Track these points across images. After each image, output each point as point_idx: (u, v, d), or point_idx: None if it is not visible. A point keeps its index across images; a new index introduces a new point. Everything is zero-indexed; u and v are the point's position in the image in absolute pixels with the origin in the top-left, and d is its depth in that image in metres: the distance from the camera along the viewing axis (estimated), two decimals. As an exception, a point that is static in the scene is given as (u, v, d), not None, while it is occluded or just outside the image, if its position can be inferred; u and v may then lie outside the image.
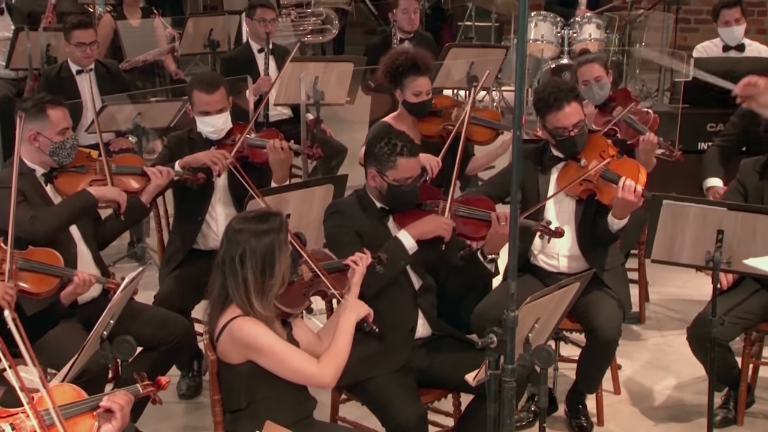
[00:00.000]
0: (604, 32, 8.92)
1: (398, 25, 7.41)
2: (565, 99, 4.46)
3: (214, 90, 4.77)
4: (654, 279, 5.90)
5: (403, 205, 4.08)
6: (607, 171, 4.44)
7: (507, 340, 2.89)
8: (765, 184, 4.56)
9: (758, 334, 4.58)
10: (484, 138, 5.42)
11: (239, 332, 3.32)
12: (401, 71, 5.22)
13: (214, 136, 4.84)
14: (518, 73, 2.73)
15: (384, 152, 3.98)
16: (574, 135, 4.47)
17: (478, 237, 4.16)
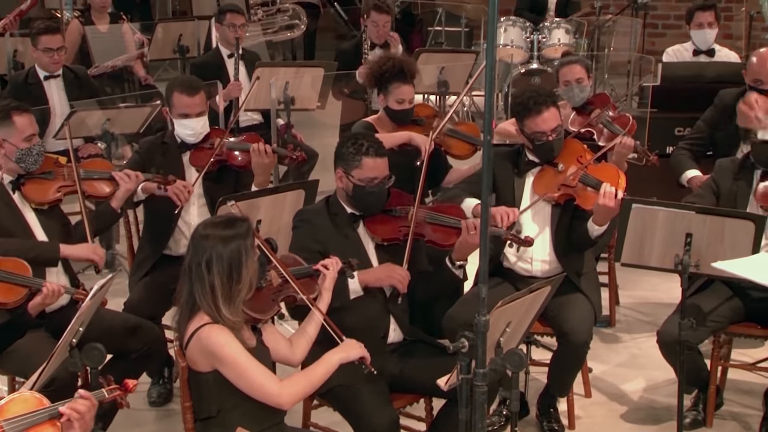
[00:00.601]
0: (573, 37, 8.98)
1: (368, 34, 7.40)
2: (544, 104, 4.48)
3: (196, 93, 4.78)
4: (624, 282, 5.93)
5: (369, 207, 4.07)
6: (586, 176, 4.46)
7: (478, 345, 2.89)
8: (738, 185, 4.59)
9: (727, 336, 4.62)
10: (462, 152, 5.41)
11: (207, 340, 3.31)
12: (387, 77, 5.23)
13: (192, 139, 4.83)
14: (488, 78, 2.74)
15: (350, 152, 3.99)
16: (552, 140, 4.49)
17: (448, 244, 4.15)
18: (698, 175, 5.28)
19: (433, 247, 4.19)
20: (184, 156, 4.86)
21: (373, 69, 5.31)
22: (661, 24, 11.59)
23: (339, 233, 4.05)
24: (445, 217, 4.19)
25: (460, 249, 4.04)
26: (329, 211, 4.09)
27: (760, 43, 9.33)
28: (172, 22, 8.53)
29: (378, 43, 7.37)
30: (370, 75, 5.31)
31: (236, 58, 6.90)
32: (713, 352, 4.53)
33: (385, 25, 7.35)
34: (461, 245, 4.03)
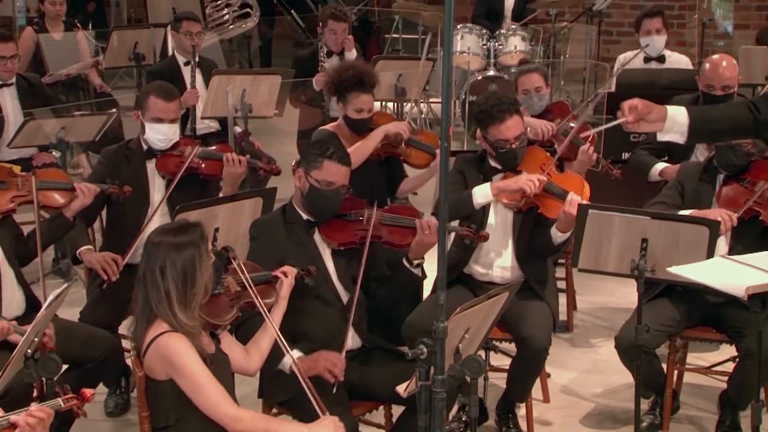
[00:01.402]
0: (530, 44, 9.03)
1: (324, 42, 7.40)
2: (507, 111, 4.50)
3: (172, 99, 4.81)
4: (581, 288, 5.97)
5: (321, 211, 4.08)
6: (551, 185, 4.49)
7: (437, 351, 2.90)
8: (702, 188, 4.64)
9: (682, 340, 4.66)
10: (421, 162, 5.41)
11: (165, 349, 3.30)
12: (346, 86, 5.21)
13: (162, 144, 4.81)
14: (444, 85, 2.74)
15: (314, 152, 4.03)
16: (515, 148, 4.51)
17: (404, 244, 4.18)
18: (669, 166, 5.31)
19: (391, 248, 4.21)
20: (149, 163, 4.84)
21: (333, 77, 5.30)
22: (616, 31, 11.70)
23: (295, 242, 4.05)
24: (399, 218, 4.21)
25: (417, 248, 4.08)
26: (285, 220, 4.10)
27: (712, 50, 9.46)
28: (128, 30, 8.48)
29: (335, 51, 7.36)
30: (330, 82, 5.30)
31: (193, 65, 6.86)
32: (669, 357, 4.57)
33: (342, 32, 7.35)
34: (417, 244, 4.07)
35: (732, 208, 4.48)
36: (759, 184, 4.48)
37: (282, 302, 3.76)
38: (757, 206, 4.46)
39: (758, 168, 4.56)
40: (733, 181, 4.58)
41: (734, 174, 4.59)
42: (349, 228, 4.14)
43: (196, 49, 6.90)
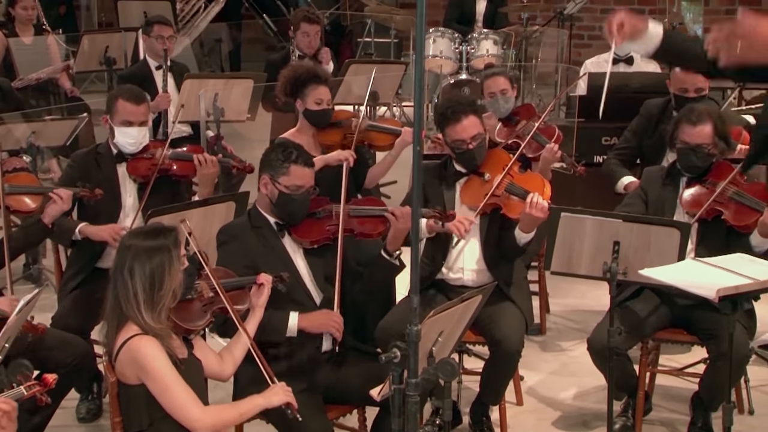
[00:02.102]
0: (501, 48, 9.07)
1: (297, 46, 7.40)
2: (462, 112, 4.53)
3: (141, 102, 4.80)
4: (554, 290, 5.99)
5: (293, 215, 4.07)
6: (513, 185, 4.51)
7: (410, 355, 2.90)
8: (666, 192, 4.67)
9: (654, 342, 4.69)
10: (385, 143, 5.47)
11: (136, 352, 3.30)
12: (302, 80, 5.23)
13: (131, 148, 4.80)
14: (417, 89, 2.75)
15: (278, 158, 4.02)
16: (472, 148, 4.53)
17: (377, 233, 4.20)
18: (634, 181, 5.35)
19: (364, 238, 4.22)
20: (120, 167, 4.82)
21: (287, 77, 5.32)
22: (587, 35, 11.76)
23: (265, 246, 4.05)
24: (367, 208, 4.24)
25: (393, 238, 4.11)
26: (252, 225, 4.09)
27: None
28: (98, 34, 8.43)
29: (308, 53, 7.36)
30: (285, 83, 5.31)
31: (165, 69, 6.83)
32: (642, 359, 4.59)
33: (315, 35, 7.36)
34: (393, 235, 4.10)
35: (695, 210, 4.52)
36: (720, 184, 4.52)
37: (259, 311, 3.76)
38: (719, 206, 4.50)
39: (719, 169, 4.61)
40: (695, 183, 4.62)
41: (697, 176, 4.63)
42: (319, 225, 4.14)
43: (168, 53, 6.87)
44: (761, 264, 3.73)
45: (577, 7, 9.87)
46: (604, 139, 6.25)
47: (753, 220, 4.41)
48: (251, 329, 3.73)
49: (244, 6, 11.71)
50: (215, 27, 10.96)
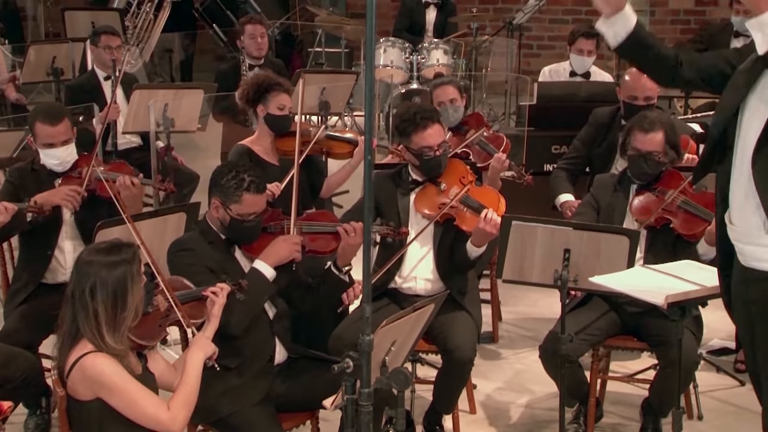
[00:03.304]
0: (452, 58, 9.12)
1: (246, 51, 7.38)
2: (429, 119, 4.57)
3: (58, 122, 4.68)
4: (506, 298, 6.02)
5: (244, 239, 4.05)
6: (468, 198, 4.53)
7: (363, 364, 2.89)
8: (616, 199, 4.72)
9: (605, 349, 4.72)
10: (344, 150, 5.46)
11: (91, 369, 3.23)
12: (266, 86, 5.23)
13: (59, 168, 4.74)
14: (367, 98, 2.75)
15: (231, 185, 3.94)
16: (439, 155, 4.55)
17: (328, 251, 4.19)
18: (570, 200, 5.40)
19: (315, 255, 4.21)
20: (57, 182, 4.77)
21: (249, 84, 5.31)
22: (536, 45, 11.86)
23: (220, 258, 4.02)
24: (319, 224, 4.23)
25: (344, 253, 4.11)
26: (204, 238, 4.05)
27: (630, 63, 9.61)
28: (46, 44, 8.34)
29: (258, 56, 7.35)
30: (247, 90, 5.29)
31: (113, 80, 6.78)
32: (593, 365, 4.62)
33: (262, 36, 7.36)
34: (344, 250, 4.11)
35: (644, 217, 4.57)
36: (669, 192, 4.57)
37: (214, 321, 3.72)
38: (668, 214, 4.55)
39: (669, 177, 4.66)
40: (645, 191, 4.67)
41: (646, 183, 4.68)
42: (270, 240, 4.12)
43: (116, 64, 6.81)
44: (709, 270, 3.77)
45: (526, 17, 9.95)
46: (554, 148, 6.30)
47: (701, 229, 4.47)
48: None
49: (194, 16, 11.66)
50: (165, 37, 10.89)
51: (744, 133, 3.27)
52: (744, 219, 3.29)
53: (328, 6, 11.96)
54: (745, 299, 3.38)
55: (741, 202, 3.29)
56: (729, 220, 3.37)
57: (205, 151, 8.18)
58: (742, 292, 3.39)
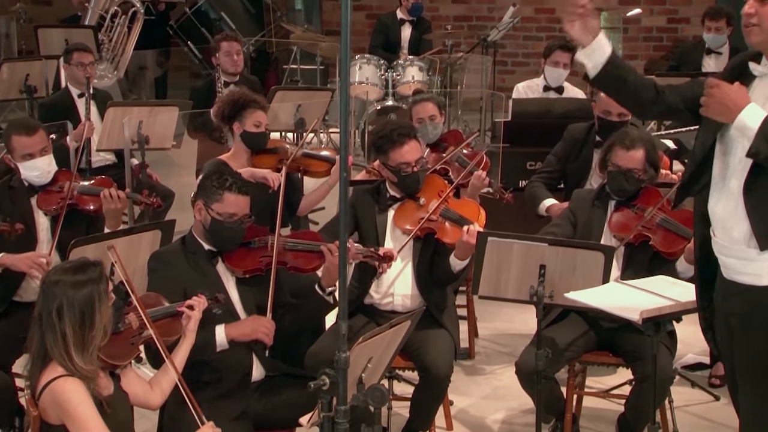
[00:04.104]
0: (427, 74, 9.15)
1: (222, 68, 7.38)
2: (407, 135, 4.58)
3: (34, 132, 4.69)
4: (482, 314, 6.02)
5: (225, 243, 4.05)
6: (448, 211, 4.54)
7: (339, 381, 2.89)
8: (594, 215, 4.73)
9: (581, 365, 4.73)
10: (321, 169, 5.47)
11: (60, 395, 3.20)
12: (242, 103, 5.23)
13: (40, 180, 4.72)
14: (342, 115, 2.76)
15: (213, 185, 3.99)
16: (417, 171, 4.56)
17: (310, 269, 4.19)
18: (555, 203, 5.41)
19: (297, 273, 4.21)
20: (33, 199, 4.73)
21: (225, 101, 5.32)
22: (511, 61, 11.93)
23: (197, 272, 4.01)
24: (303, 243, 4.23)
25: (328, 273, 4.11)
26: (186, 250, 4.05)
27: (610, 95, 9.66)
28: (18, 62, 8.30)
29: (234, 73, 7.34)
30: (223, 107, 5.29)
31: (87, 97, 6.75)
32: (569, 381, 4.63)
33: (237, 53, 7.36)
34: (328, 270, 4.11)
35: (623, 234, 4.59)
36: (648, 210, 4.60)
37: (190, 336, 3.70)
38: (647, 231, 4.57)
39: (647, 194, 4.68)
40: (623, 207, 4.69)
41: (625, 200, 4.70)
42: (253, 255, 4.12)
43: (90, 80, 6.79)
44: (683, 286, 3.80)
45: (500, 34, 10.00)
46: (529, 164, 6.32)
47: (680, 247, 4.49)
48: (182, 356, 3.67)
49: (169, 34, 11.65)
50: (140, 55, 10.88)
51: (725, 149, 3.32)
52: (727, 233, 3.34)
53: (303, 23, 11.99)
54: (726, 313, 3.43)
55: (723, 217, 3.34)
56: (713, 232, 3.41)
57: (180, 169, 8.15)
58: (723, 307, 3.43)
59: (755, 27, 3.23)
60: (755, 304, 3.30)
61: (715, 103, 3.22)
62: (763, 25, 3.20)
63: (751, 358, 3.36)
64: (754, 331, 3.32)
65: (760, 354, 3.32)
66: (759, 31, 3.23)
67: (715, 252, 3.42)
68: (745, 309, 3.34)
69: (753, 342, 3.33)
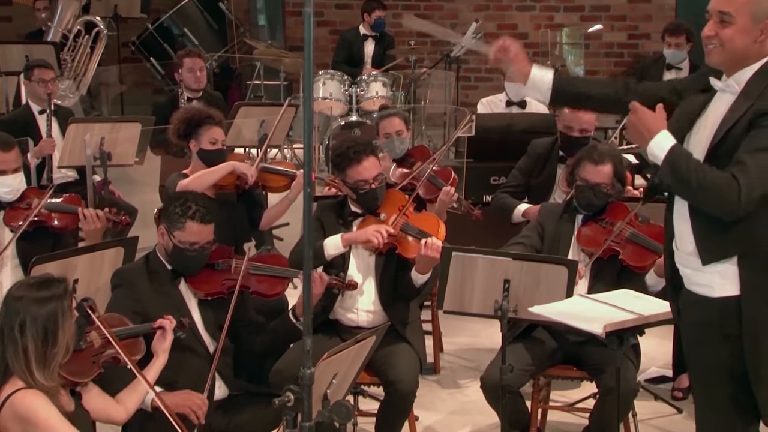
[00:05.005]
0: (391, 90, 9.16)
1: (185, 85, 7.35)
2: (363, 152, 4.57)
3: (10, 149, 4.70)
4: (447, 329, 6.02)
5: (186, 269, 4.03)
6: (408, 225, 4.54)
7: (304, 398, 2.88)
8: (562, 228, 4.75)
9: (545, 379, 4.74)
10: (279, 184, 5.45)
11: (20, 406, 3.18)
12: (196, 121, 5.20)
13: (9, 197, 4.71)
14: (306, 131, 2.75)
15: (176, 212, 3.96)
16: (375, 188, 4.56)
17: (273, 294, 4.17)
18: (531, 206, 5.41)
19: (259, 297, 4.19)
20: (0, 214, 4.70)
21: (180, 118, 5.28)
22: (474, 77, 11.97)
23: (159, 292, 3.98)
24: (269, 267, 4.21)
25: (301, 303, 4.05)
26: (149, 269, 4.02)
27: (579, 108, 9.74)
28: (-22, 79, 8.22)
29: (197, 89, 7.31)
30: (177, 126, 5.26)
31: (48, 113, 6.70)
32: (533, 395, 4.64)
33: (200, 70, 7.32)
34: (301, 299, 4.05)
35: (592, 248, 4.61)
36: (617, 224, 4.62)
37: (163, 356, 3.69)
38: (617, 246, 4.60)
39: (615, 209, 4.71)
40: (592, 222, 4.71)
41: (593, 214, 4.73)
42: (216, 278, 4.11)
43: (51, 97, 6.74)
44: (646, 300, 3.83)
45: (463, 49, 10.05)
46: (493, 179, 6.34)
47: (650, 262, 4.52)
48: (153, 376, 3.66)
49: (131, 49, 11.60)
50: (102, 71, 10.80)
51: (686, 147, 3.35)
52: (684, 244, 3.39)
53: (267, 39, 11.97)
54: (686, 321, 3.49)
55: (681, 228, 3.40)
56: (675, 245, 3.46)
57: (143, 185, 8.11)
58: (685, 315, 3.49)
59: (715, 48, 3.29)
60: (708, 315, 3.34)
61: (633, 128, 3.33)
62: (724, 46, 3.27)
63: (704, 368, 3.41)
64: (707, 341, 3.36)
65: (713, 364, 3.36)
66: (719, 52, 3.30)
67: (676, 263, 3.47)
68: (698, 319, 3.39)
69: (706, 352, 3.37)
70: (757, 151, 3.16)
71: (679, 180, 3.22)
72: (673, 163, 3.21)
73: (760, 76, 3.27)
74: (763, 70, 3.28)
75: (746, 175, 3.14)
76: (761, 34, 3.24)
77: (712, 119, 3.32)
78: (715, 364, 3.35)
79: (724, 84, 3.34)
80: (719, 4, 3.26)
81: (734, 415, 3.37)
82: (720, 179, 3.16)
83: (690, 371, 3.55)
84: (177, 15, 11.63)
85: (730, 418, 3.37)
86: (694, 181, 3.17)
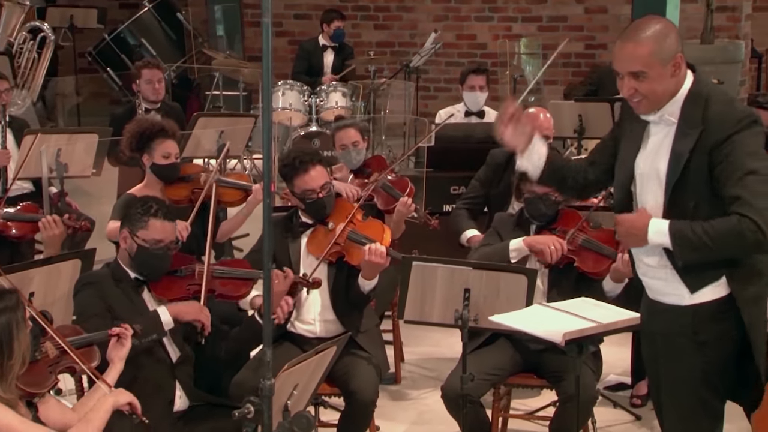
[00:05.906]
0: (350, 100, 9.17)
1: (143, 96, 7.30)
2: (310, 162, 4.57)
3: None
4: (408, 339, 6.02)
5: (152, 270, 4.02)
6: (354, 233, 4.54)
7: (264, 409, 2.86)
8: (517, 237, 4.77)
9: (506, 387, 4.76)
10: (234, 198, 5.43)
11: None
12: (149, 134, 5.16)
13: None
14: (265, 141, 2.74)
15: (137, 212, 3.97)
16: (322, 197, 4.56)
17: (238, 296, 4.18)
18: (477, 235, 5.45)
19: (224, 300, 4.18)
20: None
21: (132, 132, 5.25)
22: (433, 87, 12.00)
23: (125, 297, 3.96)
24: (232, 270, 4.23)
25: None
26: (113, 276, 4.01)
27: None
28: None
29: (155, 100, 7.27)
30: (131, 138, 5.22)
31: (3, 125, 6.62)
32: (494, 404, 4.65)
33: (159, 81, 7.28)
34: None
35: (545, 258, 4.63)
36: (570, 232, 4.65)
37: (119, 364, 3.67)
38: (571, 253, 4.62)
39: (566, 217, 4.75)
40: (545, 231, 4.74)
41: (545, 224, 4.75)
42: (180, 284, 4.11)
43: (6, 107, 6.66)
44: (605, 308, 3.86)
45: (422, 60, 10.09)
46: (453, 189, 6.36)
47: (605, 267, 4.55)
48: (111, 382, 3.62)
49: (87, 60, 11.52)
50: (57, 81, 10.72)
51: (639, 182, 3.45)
52: (648, 255, 3.42)
53: (225, 49, 11.93)
54: (651, 332, 3.52)
55: None
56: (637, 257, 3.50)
57: (101, 197, 8.03)
58: (649, 326, 3.53)
59: (641, 101, 3.35)
60: (679, 323, 3.37)
61: (625, 236, 3.41)
62: (648, 98, 3.32)
63: (674, 377, 3.43)
64: (678, 350, 3.39)
65: (684, 373, 3.40)
66: (646, 104, 3.36)
67: (639, 275, 3.50)
68: (669, 328, 3.42)
69: (676, 361, 3.40)
70: (740, 180, 3.19)
71: (695, 249, 3.24)
72: (681, 240, 3.25)
73: (691, 102, 3.33)
74: (691, 96, 3.34)
75: (750, 208, 3.16)
76: (674, 68, 3.30)
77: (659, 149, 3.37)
78: (687, 371, 3.38)
79: (657, 117, 3.39)
80: (627, 66, 3.31)
81: (703, 420, 3.41)
82: (730, 225, 3.18)
83: (656, 380, 3.56)
84: (134, 25, 11.57)
85: (699, 424, 3.41)
86: (709, 241, 3.20)
